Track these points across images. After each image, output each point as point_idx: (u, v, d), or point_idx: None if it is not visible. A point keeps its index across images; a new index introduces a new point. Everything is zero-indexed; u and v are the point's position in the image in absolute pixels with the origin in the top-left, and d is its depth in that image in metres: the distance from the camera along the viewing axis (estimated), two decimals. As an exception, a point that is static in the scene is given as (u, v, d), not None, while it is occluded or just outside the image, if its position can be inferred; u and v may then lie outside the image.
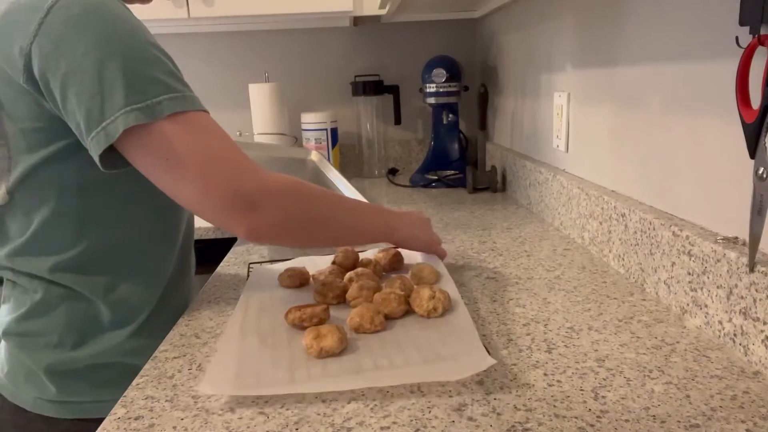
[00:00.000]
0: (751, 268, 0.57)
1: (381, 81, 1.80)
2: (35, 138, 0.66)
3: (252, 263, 0.93)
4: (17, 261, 0.71)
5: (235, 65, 1.91)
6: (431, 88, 1.63)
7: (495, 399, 0.54)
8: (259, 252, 1.06)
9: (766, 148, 0.54)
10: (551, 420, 0.50)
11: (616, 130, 0.92)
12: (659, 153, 0.79)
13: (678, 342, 0.63)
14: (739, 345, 0.60)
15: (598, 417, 0.50)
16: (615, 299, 0.76)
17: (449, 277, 0.80)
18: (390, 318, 0.70)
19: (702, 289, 0.65)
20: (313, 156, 1.45)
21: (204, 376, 0.57)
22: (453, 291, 0.75)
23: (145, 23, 0.67)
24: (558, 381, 0.56)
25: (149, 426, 0.52)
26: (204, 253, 1.15)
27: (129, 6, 0.74)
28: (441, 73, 1.61)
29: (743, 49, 0.55)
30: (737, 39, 0.56)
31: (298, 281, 0.82)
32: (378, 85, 1.79)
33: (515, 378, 0.57)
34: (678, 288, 0.70)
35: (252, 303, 0.76)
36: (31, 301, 0.72)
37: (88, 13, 0.61)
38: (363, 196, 1.15)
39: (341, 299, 0.76)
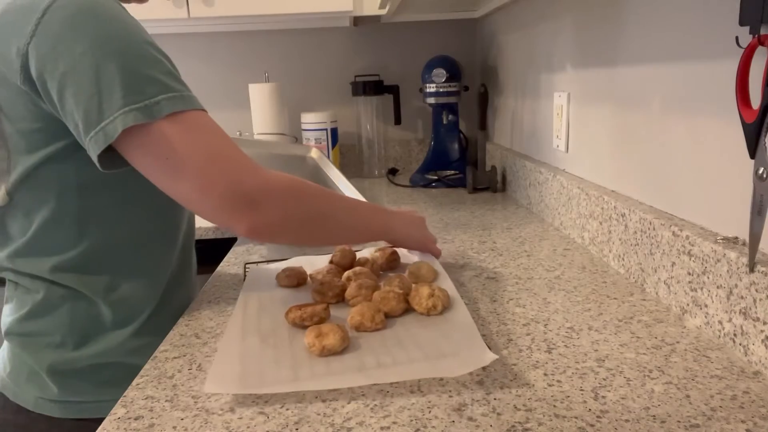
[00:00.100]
0: (751, 268, 0.57)
1: (381, 81, 1.80)
2: (34, 139, 0.66)
3: (248, 263, 0.93)
4: (18, 262, 0.71)
5: (235, 65, 1.91)
6: (431, 88, 1.63)
7: (495, 399, 0.54)
8: (259, 252, 1.06)
9: (766, 148, 0.54)
10: (551, 420, 0.50)
11: (616, 130, 0.92)
12: (659, 153, 0.79)
13: (678, 342, 0.63)
14: (739, 345, 0.60)
15: (598, 417, 0.50)
16: (615, 299, 0.76)
17: (446, 275, 0.80)
18: (390, 316, 0.70)
19: (702, 289, 0.65)
20: (313, 153, 1.44)
21: (208, 375, 0.57)
22: (451, 289, 0.75)
23: (145, 23, 0.67)
24: (558, 381, 0.57)
25: (149, 426, 0.53)
26: (204, 253, 1.15)
27: (125, 5, 0.73)
28: (441, 73, 1.61)
29: (743, 49, 0.55)
30: (737, 39, 0.56)
31: (295, 281, 0.82)
32: (378, 85, 1.79)
33: (515, 378, 0.57)
34: (678, 288, 0.70)
35: (251, 303, 0.75)
36: (33, 302, 0.72)
37: (84, 13, 0.61)
38: (363, 195, 1.14)
39: (340, 298, 0.76)
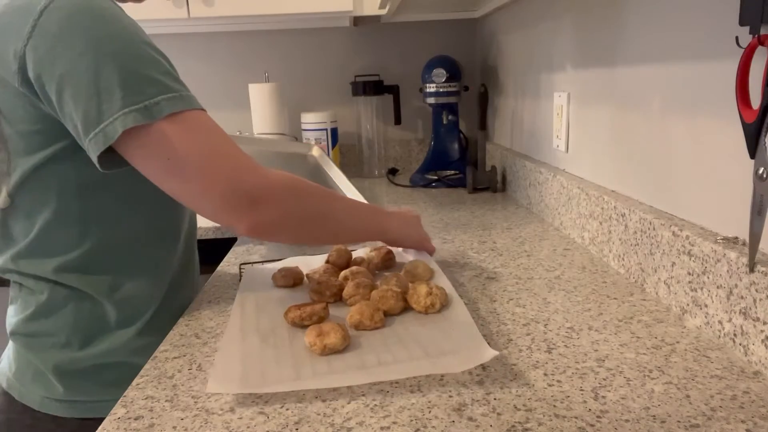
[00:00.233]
0: (751, 268, 0.57)
1: (381, 81, 1.80)
2: (33, 140, 0.66)
3: (243, 264, 0.93)
4: (22, 263, 0.71)
5: (235, 65, 1.91)
6: (431, 88, 1.63)
7: (495, 399, 0.54)
8: (259, 252, 1.06)
9: (766, 148, 0.54)
10: (551, 420, 0.50)
11: (616, 130, 0.92)
12: (659, 153, 0.79)
13: (678, 342, 0.63)
14: (739, 345, 0.60)
15: (598, 417, 0.50)
16: (615, 299, 0.76)
17: (442, 273, 0.81)
18: (388, 315, 0.70)
19: (702, 289, 0.65)
20: (315, 151, 1.44)
21: (210, 376, 0.57)
22: (448, 287, 0.76)
23: (145, 23, 0.67)
24: (558, 381, 0.56)
25: (149, 426, 0.53)
26: (204, 253, 1.15)
27: (122, 5, 0.73)
28: (441, 73, 1.60)
29: (743, 49, 0.55)
30: (737, 39, 0.56)
31: (292, 281, 0.82)
32: (378, 85, 1.79)
33: (515, 378, 0.57)
34: (678, 288, 0.70)
35: (248, 304, 0.76)
36: (37, 302, 0.72)
37: (81, 14, 0.60)
38: (362, 195, 1.14)
39: (338, 297, 0.76)
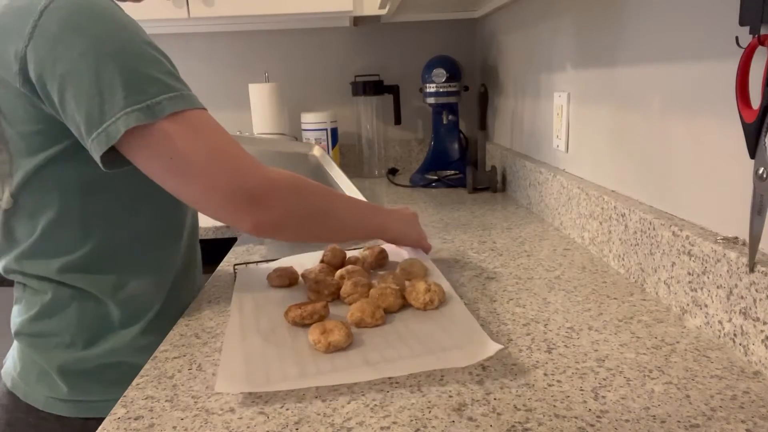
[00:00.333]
0: (751, 268, 0.57)
1: (381, 81, 1.80)
2: (35, 141, 0.66)
3: (237, 264, 0.93)
4: (26, 264, 0.71)
5: (235, 65, 1.91)
6: (431, 88, 1.63)
7: (495, 399, 0.54)
8: (259, 252, 1.06)
9: (766, 148, 0.54)
10: (551, 420, 0.50)
11: (616, 130, 0.92)
12: (659, 153, 0.79)
13: (678, 342, 0.63)
14: (739, 345, 0.60)
15: (598, 417, 0.50)
16: (615, 299, 0.76)
17: (438, 271, 0.82)
18: (387, 312, 0.71)
19: (702, 289, 0.65)
20: (316, 151, 1.44)
21: (217, 375, 0.57)
22: (444, 284, 0.76)
23: (145, 23, 0.67)
24: (558, 381, 0.56)
25: (149, 426, 0.53)
26: (204, 253, 1.14)
27: (121, 5, 0.73)
28: (441, 73, 1.60)
29: (743, 49, 0.55)
30: (737, 39, 0.56)
31: (287, 280, 0.83)
32: (378, 85, 1.79)
33: (515, 378, 0.57)
34: (678, 288, 0.70)
35: (246, 304, 0.76)
36: (42, 302, 0.72)
37: (81, 14, 0.60)
38: (362, 195, 1.14)
39: (335, 296, 0.76)
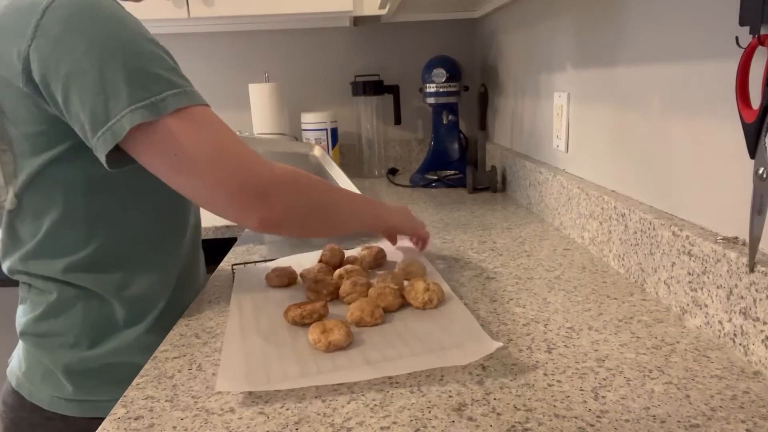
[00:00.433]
0: (751, 268, 0.57)
1: (381, 81, 1.80)
2: (38, 141, 0.66)
3: (235, 264, 0.94)
4: (30, 264, 0.71)
5: (235, 65, 1.91)
6: (431, 88, 1.63)
7: (495, 399, 0.54)
8: (259, 252, 1.06)
9: (766, 148, 0.54)
10: (551, 420, 0.50)
11: (616, 130, 0.92)
12: (659, 153, 0.79)
13: (678, 342, 0.63)
14: (739, 345, 0.60)
15: (598, 417, 0.50)
16: (615, 299, 0.76)
17: (435, 271, 0.82)
18: (386, 311, 0.71)
19: (702, 289, 0.65)
20: (316, 151, 1.44)
21: (218, 375, 0.57)
22: (442, 283, 0.77)
23: (145, 23, 0.67)
24: (558, 381, 0.56)
25: (149, 426, 0.53)
26: (204, 253, 1.15)
27: (122, 4, 0.73)
28: (441, 73, 1.60)
29: (743, 49, 0.55)
30: (737, 39, 0.56)
31: (286, 280, 0.83)
32: (378, 85, 1.79)
33: (515, 378, 0.57)
34: (678, 288, 0.70)
35: (245, 304, 0.76)
36: (47, 302, 0.72)
37: (83, 13, 0.60)
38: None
39: (334, 296, 0.77)
